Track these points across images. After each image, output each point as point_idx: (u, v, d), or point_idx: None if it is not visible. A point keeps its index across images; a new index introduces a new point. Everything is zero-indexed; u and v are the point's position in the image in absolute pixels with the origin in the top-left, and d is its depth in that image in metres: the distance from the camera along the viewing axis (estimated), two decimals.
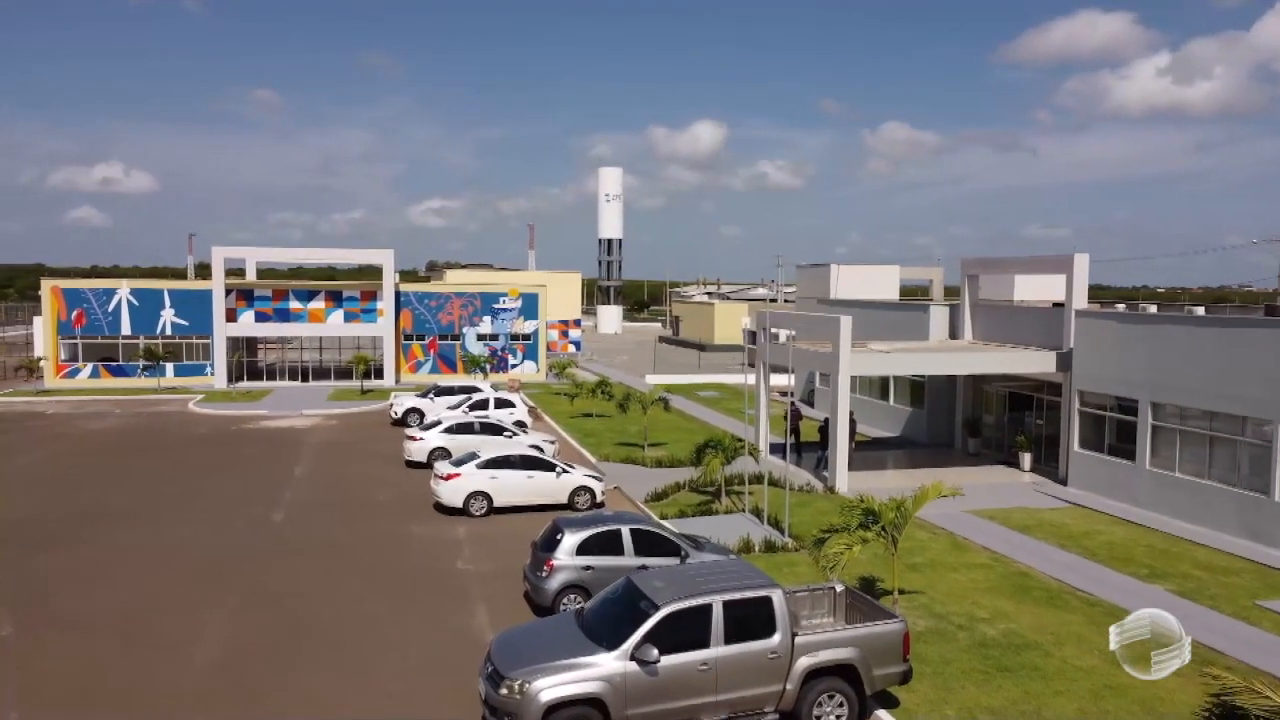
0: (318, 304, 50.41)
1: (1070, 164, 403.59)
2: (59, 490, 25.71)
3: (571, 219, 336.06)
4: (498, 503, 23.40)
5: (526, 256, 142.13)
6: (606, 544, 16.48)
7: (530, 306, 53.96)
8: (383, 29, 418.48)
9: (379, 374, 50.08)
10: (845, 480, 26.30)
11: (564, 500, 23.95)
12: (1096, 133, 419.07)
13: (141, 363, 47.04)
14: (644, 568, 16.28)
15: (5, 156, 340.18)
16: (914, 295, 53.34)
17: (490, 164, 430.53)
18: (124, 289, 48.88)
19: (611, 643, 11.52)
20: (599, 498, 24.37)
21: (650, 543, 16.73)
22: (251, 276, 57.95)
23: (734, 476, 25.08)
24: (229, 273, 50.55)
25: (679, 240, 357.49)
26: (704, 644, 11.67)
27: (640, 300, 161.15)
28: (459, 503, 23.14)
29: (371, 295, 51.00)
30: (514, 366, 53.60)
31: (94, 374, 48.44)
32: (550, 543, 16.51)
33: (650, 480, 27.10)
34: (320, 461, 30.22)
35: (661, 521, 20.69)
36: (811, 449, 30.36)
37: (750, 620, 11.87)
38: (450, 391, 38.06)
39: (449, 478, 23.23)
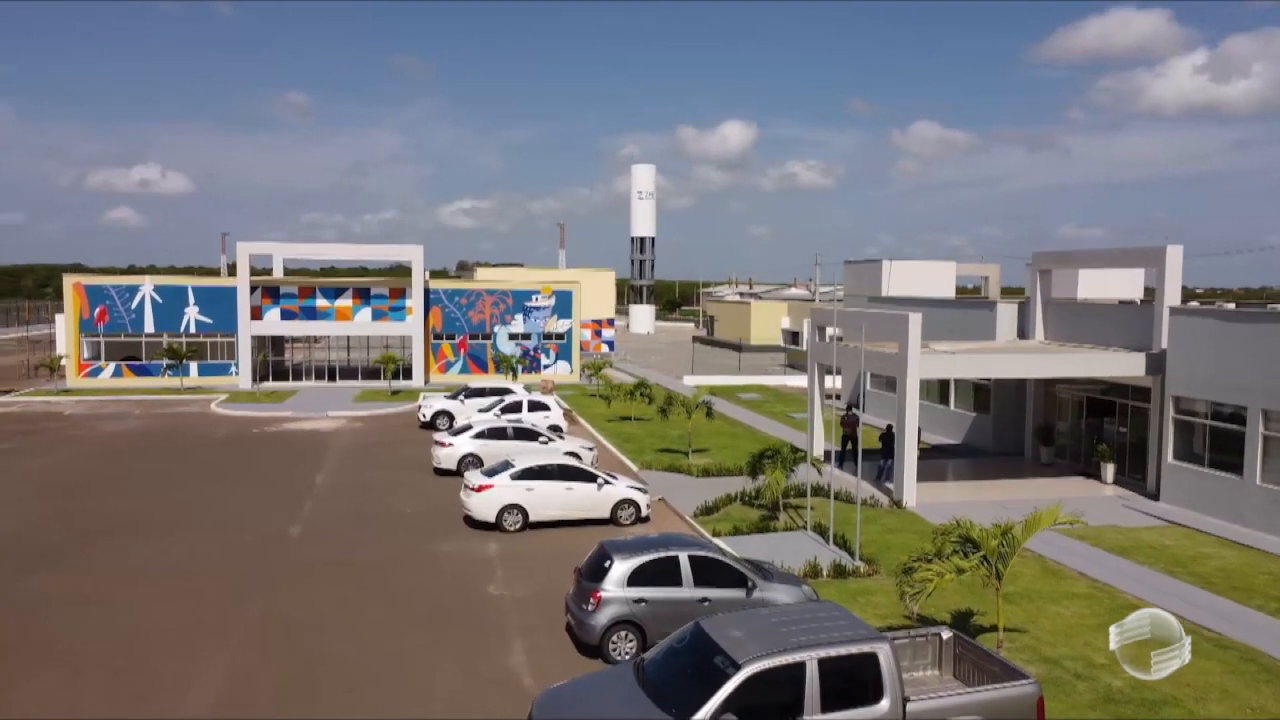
0: (345, 301, 48.72)
1: (1105, 163, 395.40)
2: (65, 500, 24.02)
3: (601, 219, 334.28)
4: (534, 517, 21.33)
5: (557, 256, 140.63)
6: (662, 572, 14.31)
7: (564, 304, 51.94)
8: (411, 31, 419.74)
9: (407, 374, 48.31)
10: (913, 493, 23.96)
11: (606, 515, 21.84)
12: (1132, 131, 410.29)
13: (164, 362, 45.60)
14: (705, 601, 14.17)
15: (45, 159, 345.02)
16: (967, 294, 50.67)
17: (519, 164, 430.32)
18: (147, 286, 47.49)
19: (682, 711, 9.36)
20: (644, 512, 22.23)
21: (712, 571, 14.54)
22: (278, 274, 56.51)
23: (788, 488, 22.81)
24: (255, 270, 49.07)
25: (707, 240, 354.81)
26: (795, 712, 9.48)
27: (672, 300, 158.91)
28: (491, 517, 21.10)
29: (400, 292, 49.23)
30: (547, 367, 51.61)
31: (116, 373, 47.09)
32: (597, 570, 14.38)
33: (698, 491, 24.92)
34: (343, 468, 28.34)
35: (720, 544, 18.45)
36: (871, 458, 27.94)
37: (851, 682, 9.69)
38: (481, 393, 36.10)
39: (481, 489, 21.19)
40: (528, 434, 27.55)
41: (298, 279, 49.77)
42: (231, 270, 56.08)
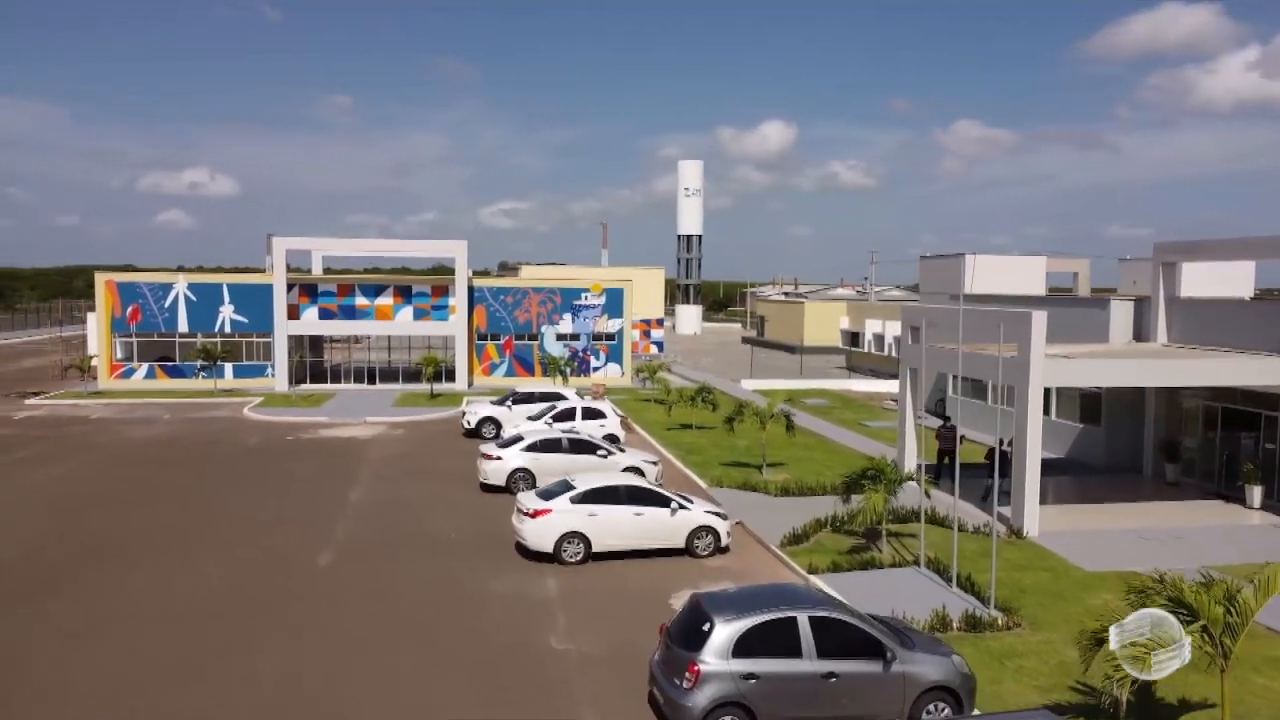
0: (385, 300, 46.25)
1: (1154, 162, 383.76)
2: (74, 515, 21.56)
3: (642, 220, 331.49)
4: (597, 547, 18.37)
5: (600, 256, 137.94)
6: (776, 639, 11.23)
7: (614, 303, 49.01)
8: (453, 33, 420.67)
9: (450, 376, 45.70)
10: (1035, 521, 20.59)
11: (680, 544, 18.82)
12: (1182, 129, 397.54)
13: (198, 363, 43.47)
14: (832, 676, 11.07)
15: (98, 162, 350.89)
16: (1058, 292, 46.78)
17: (559, 165, 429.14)
18: (181, 283, 45.43)
19: None
20: (724, 541, 19.18)
21: (839, 637, 11.42)
22: (317, 272, 54.36)
23: (883, 512, 19.59)
24: (293, 269, 46.80)
25: (748, 241, 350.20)
26: None
27: (717, 300, 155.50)
28: (549, 547, 18.17)
29: (443, 291, 46.66)
30: (596, 369, 48.71)
31: (149, 374, 45.10)
32: (692, 633, 11.34)
33: (779, 514, 21.80)
34: (381, 482, 25.63)
35: (830, 591, 15.30)
36: (972, 475, 24.47)
37: None
38: (530, 399, 33.24)
39: (537, 514, 18.26)
40: (584, 446, 24.62)
41: (336, 276, 47.44)
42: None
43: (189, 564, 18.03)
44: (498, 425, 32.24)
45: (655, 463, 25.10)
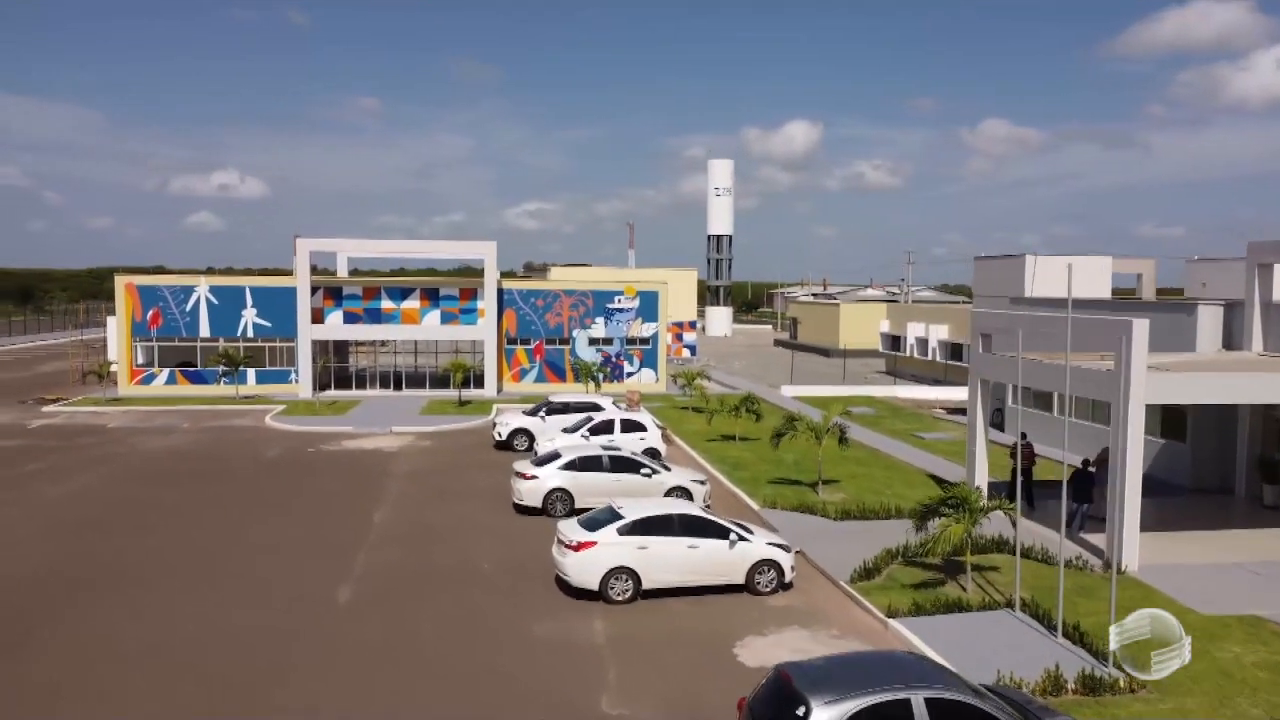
0: (412, 303, 44.59)
1: (1186, 160, 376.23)
2: (73, 539, 19.95)
3: (666, 220, 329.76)
4: (647, 584, 16.45)
5: (626, 256, 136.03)
6: None
7: (649, 306, 47.06)
8: (476, 34, 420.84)
9: (478, 382, 43.93)
10: (1135, 554, 18.40)
11: (740, 580, 16.89)
12: (1215, 127, 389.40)
13: (220, 369, 42.00)
14: None
15: (131, 165, 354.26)
16: (1121, 295, 44.32)
17: (584, 166, 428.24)
18: (202, 286, 44.02)
19: None
20: (787, 576, 17.21)
21: None
22: (343, 273, 52.90)
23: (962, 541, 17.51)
24: (318, 271, 45.30)
25: (773, 241, 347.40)
26: None
27: (745, 301, 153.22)
28: (594, 584, 16.26)
29: (471, 293, 44.93)
30: (630, 375, 46.79)
31: (170, 380, 43.73)
32: (784, 718, 9.37)
33: (842, 543, 19.77)
34: (407, 501, 23.87)
35: (951, 670, 13.20)
36: (1045, 496, 22.25)
37: None
38: (565, 409, 31.35)
39: (580, 547, 16.37)
40: (627, 464, 22.70)
41: (361, 279, 45.91)
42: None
43: (192, 599, 16.31)
44: (531, 437, 30.43)
45: (703, 482, 23.16)
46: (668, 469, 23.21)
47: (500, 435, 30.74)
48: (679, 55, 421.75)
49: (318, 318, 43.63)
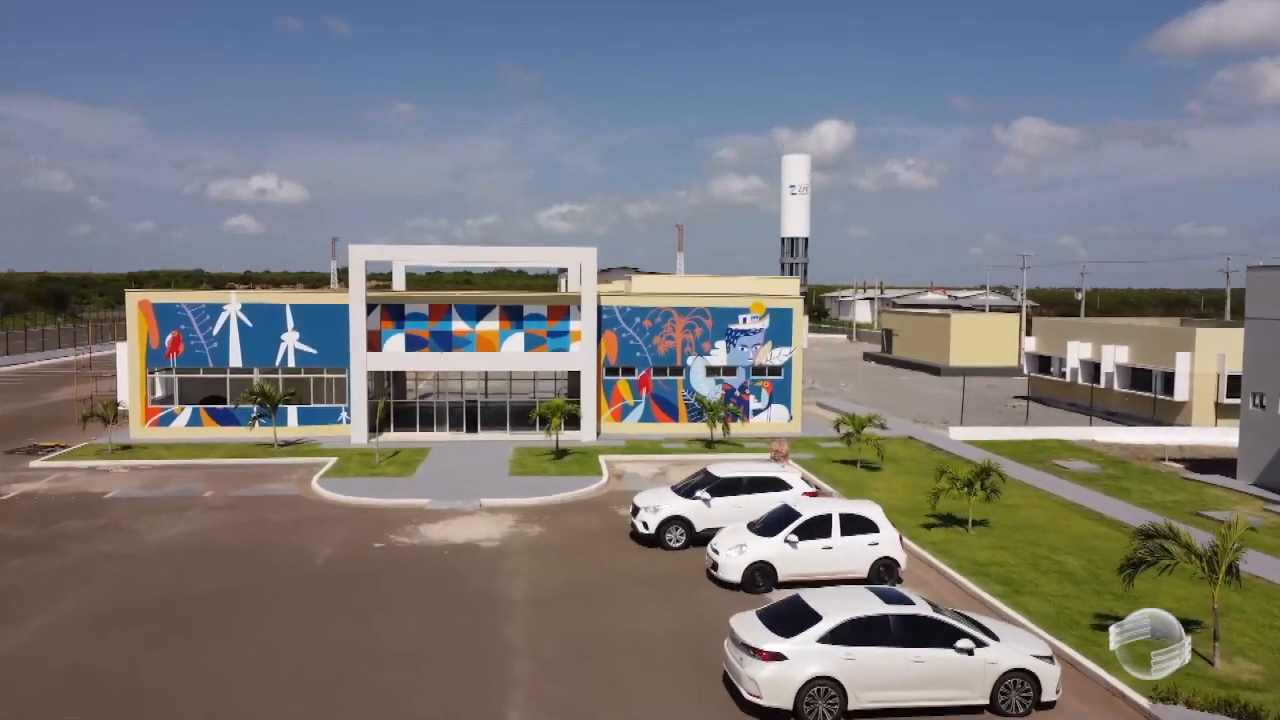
0: (489, 324, 35.73)
1: (1228, 158, 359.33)
2: None
3: (700, 221, 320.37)
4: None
5: (674, 261, 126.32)
6: None
7: (781, 327, 37.76)
8: (514, 40, 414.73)
9: (573, 423, 34.99)
10: None
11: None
12: (1257, 123, 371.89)
13: (255, 408, 33.43)
14: None
15: (173, 169, 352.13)
16: None
17: (616, 168, 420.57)
18: (233, 303, 35.48)
19: None
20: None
21: None
22: (399, 286, 44.24)
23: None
24: (370, 279, 36.61)
25: (812, 242, 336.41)
26: None
27: (814, 308, 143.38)
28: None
29: (563, 312, 35.96)
30: (757, 413, 37.56)
31: (194, 420, 35.31)
32: None
33: None
34: (545, 676, 14.81)
35: None
36: None
37: None
38: (736, 487, 22.12)
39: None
40: (933, 631, 13.05)
41: (428, 294, 37.08)
42: (341, 277, 43.74)
43: None
44: (689, 528, 21.35)
45: (1050, 659, 13.57)
46: (994, 636, 13.77)
47: (646, 527, 21.56)
48: (712, 58, 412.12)
49: (374, 343, 34.98)
